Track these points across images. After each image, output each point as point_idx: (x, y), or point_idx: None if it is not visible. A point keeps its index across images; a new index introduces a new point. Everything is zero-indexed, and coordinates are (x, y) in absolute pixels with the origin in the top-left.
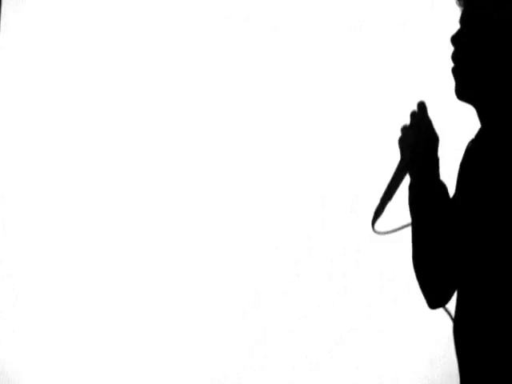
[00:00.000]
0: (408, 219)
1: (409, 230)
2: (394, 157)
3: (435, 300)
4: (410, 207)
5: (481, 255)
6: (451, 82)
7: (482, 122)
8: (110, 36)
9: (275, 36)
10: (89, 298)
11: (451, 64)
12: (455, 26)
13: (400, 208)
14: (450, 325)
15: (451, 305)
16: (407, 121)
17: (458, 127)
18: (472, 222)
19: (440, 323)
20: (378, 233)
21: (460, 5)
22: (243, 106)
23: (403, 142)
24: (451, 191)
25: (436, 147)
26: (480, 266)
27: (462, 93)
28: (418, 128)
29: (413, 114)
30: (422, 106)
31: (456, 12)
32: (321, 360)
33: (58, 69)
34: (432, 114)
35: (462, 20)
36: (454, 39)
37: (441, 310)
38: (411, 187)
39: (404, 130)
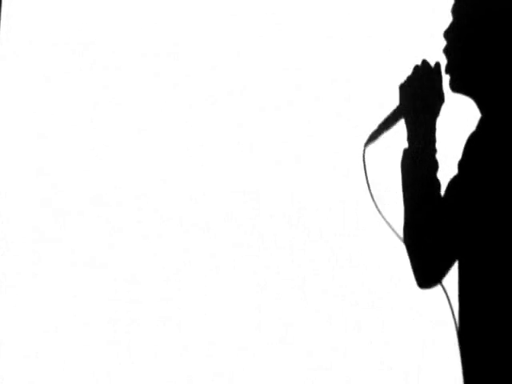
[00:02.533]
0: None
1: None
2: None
3: (424, 278)
4: (402, 177)
5: (481, 245)
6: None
7: (482, 111)
8: (110, 36)
9: (275, 36)
10: (88, 298)
11: (444, 58)
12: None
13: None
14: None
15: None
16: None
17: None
18: (473, 210)
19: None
20: (365, 156)
21: None
22: (243, 106)
23: (402, 90)
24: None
25: (435, 109)
26: (480, 257)
27: (458, 86)
28: (416, 84)
29: (415, 68)
30: (424, 62)
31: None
32: (321, 360)
33: (58, 69)
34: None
35: (454, 10)
36: (447, 33)
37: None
38: (404, 155)
39: (407, 79)
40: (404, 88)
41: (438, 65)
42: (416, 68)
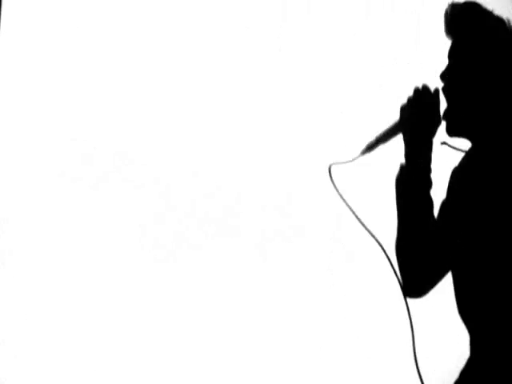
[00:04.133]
0: None
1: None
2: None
3: (411, 290)
4: (396, 192)
5: (471, 260)
6: None
7: (474, 144)
8: (109, 36)
9: (275, 37)
10: (88, 298)
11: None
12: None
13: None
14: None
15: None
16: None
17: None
18: (463, 229)
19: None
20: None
21: (449, 35)
22: (243, 107)
23: (403, 110)
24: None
25: (432, 130)
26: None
27: (455, 132)
28: (415, 104)
29: (416, 91)
30: (424, 86)
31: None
32: (320, 361)
33: (58, 69)
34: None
35: (451, 54)
36: (444, 76)
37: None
38: (400, 173)
39: (408, 100)
40: (405, 107)
41: (437, 91)
42: (417, 91)
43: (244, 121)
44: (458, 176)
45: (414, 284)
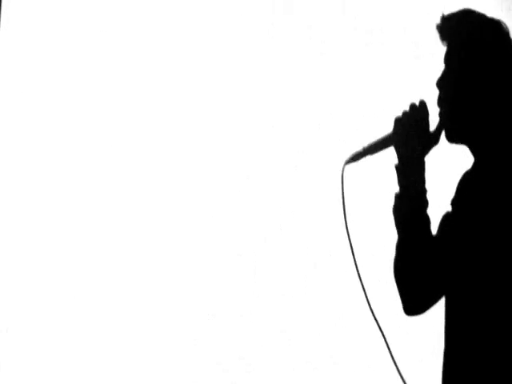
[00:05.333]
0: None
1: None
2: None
3: (411, 309)
4: (394, 208)
5: (471, 280)
6: None
7: (476, 157)
8: (110, 36)
9: (275, 37)
10: (88, 298)
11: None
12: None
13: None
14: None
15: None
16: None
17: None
18: (463, 247)
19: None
20: (343, 172)
21: (444, 42)
22: (244, 107)
23: (397, 122)
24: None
25: (422, 148)
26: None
27: (453, 138)
28: (410, 118)
29: (412, 106)
30: (421, 102)
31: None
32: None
33: (58, 68)
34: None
35: (446, 60)
36: (440, 82)
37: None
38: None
39: (403, 113)
40: (399, 121)
41: (423, 103)
42: (413, 106)
43: (243, 123)
44: (461, 190)
45: (414, 303)
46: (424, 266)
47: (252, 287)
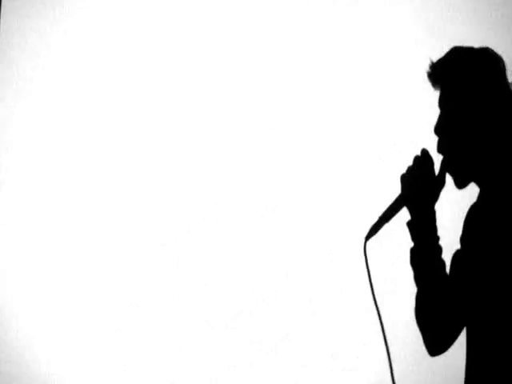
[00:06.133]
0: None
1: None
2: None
3: (436, 350)
4: (411, 262)
5: (488, 308)
6: None
7: (482, 187)
8: (110, 36)
9: (275, 38)
10: (87, 299)
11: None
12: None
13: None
14: None
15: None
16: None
17: None
18: (479, 280)
19: None
20: (365, 247)
21: (436, 88)
22: (244, 108)
23: (403, 180)
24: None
25: (431, 198)
26: (488, 320)
27: (463, 184)
28: (416, 173)
29: (416, 159)
30: (424, 153)
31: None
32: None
33: (58, 68)
34: (435, 162)
35: (441, 104)
36: (437, 129)
37: None
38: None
39: (408, 169)
40: (404, 177)
41: (425, 152)
42: (416, 158)
43: (244, 123)
44: (469, 225)
45: (439, 345)
46: (445, 310)
47: (252, 287)
